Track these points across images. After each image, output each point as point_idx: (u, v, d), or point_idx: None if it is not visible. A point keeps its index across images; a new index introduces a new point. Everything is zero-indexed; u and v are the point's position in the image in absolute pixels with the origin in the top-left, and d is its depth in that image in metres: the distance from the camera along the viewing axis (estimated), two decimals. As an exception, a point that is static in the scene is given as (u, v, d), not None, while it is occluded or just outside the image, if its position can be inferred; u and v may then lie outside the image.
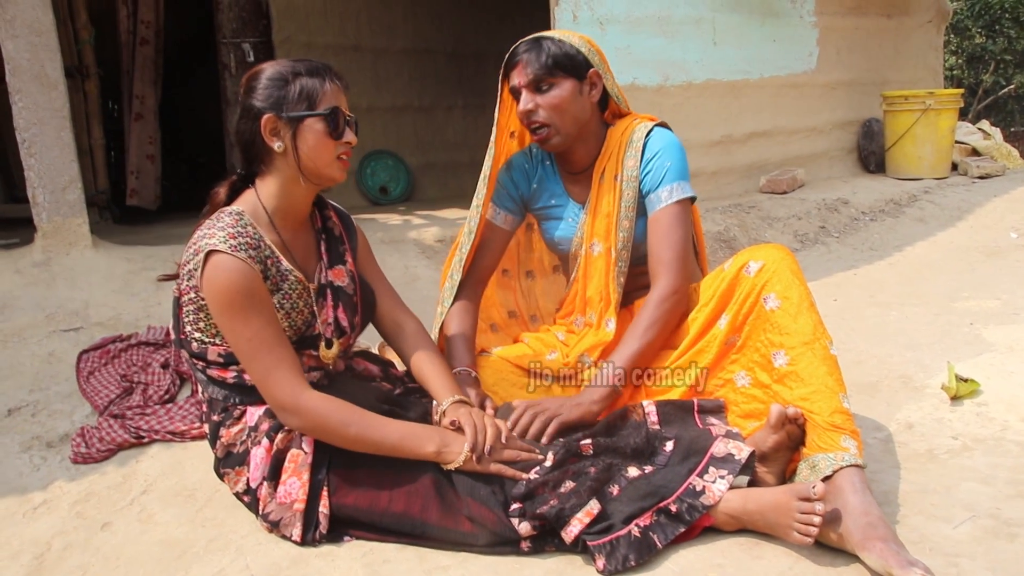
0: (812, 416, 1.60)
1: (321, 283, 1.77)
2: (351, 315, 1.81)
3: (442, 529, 1.56)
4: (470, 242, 2.05)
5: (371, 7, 5.97)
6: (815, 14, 5.27)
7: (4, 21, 2.94)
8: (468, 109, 6.55)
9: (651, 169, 1.93)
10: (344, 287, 1.81)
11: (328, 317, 1.75)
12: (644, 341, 1.82)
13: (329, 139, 1.65)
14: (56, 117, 3.05)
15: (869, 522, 1.42)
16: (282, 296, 1.67)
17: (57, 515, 1.83)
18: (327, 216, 1.87)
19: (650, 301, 1.86)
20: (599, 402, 1.78)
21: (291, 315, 1.68)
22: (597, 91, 1.95)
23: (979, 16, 10.76)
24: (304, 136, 1.64)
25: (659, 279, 1.87)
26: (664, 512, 1.52)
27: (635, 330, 1.84)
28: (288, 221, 1.73)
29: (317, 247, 1.81)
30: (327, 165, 1.67)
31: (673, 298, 1.85)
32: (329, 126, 1.65)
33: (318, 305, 1.74)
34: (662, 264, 1.88)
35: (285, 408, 1.60)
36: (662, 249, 1.89)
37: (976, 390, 2.16)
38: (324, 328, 1.74)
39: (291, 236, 1.73)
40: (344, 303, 1.79)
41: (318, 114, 1.64)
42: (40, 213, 3.06)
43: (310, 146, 1.65)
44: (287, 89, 1.64)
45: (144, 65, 5.27)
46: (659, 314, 1.84)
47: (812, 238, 4.34)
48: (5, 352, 2.57)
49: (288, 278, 1.68)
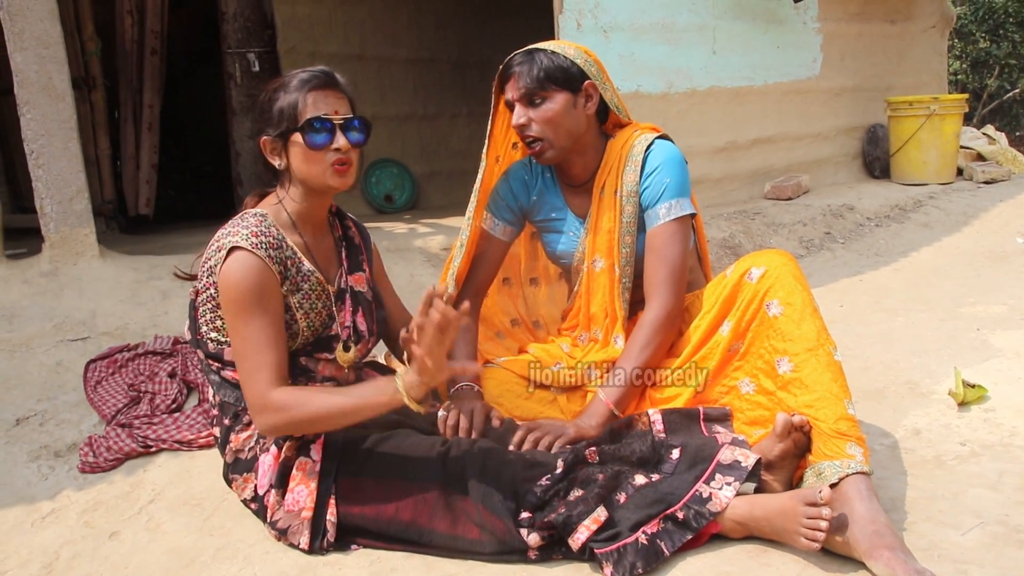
0: (817, 423, 1.60)
1: (341, 287, 1.79)
2: (370, 321, 1.83)
3: (450, 537, 1.57)
4: (462, 255, 2.03)
5: (376, 16, 5.99)
6: (818, 20, 5.27)
7: (13, 34, 2.96)
8: (473, 117, 6.56)
9: (650, 185, 1.91)
10: (364, 293, 1.84)
11: (346, 320, 1.77)
12: (639, 363, 1.83)
13: (311, 151, 1.64)
14: (63, 128, 3.07)
15: (876, 530, 1.42)
16: (302, 296, 1.69)
17: (65, 524, 1.84)
18: (347, 226, 1.91)
19: (644, 323, 1.86)
20: (596, 428, 1.78)
21: (309, 315, 1.70)
22: (593, 103, 1.92)
23: (983, 21, 10.76)
24: (293, 152, 1.67)
25: (652, 300, 1.87)
26: (671, 519, 1.52)
27: (630, 352, 1.85)
28: (308, 226, 1.76)
29: (338, 254, 1.84)
30: (320, 175, 1.67)
31: (666, 320, 1.85)
32: (305, 138, 1.64)
33: (337, 308, 1.76)
34: (655, 284, 1.87)
35: (254, 407, 1.60)
36: (657, 268, 1.88)
37: (983, 396, 2.16)
38: (342, 331, 1.76)
39: (312, 240, 1.76)
40: (364, 308, 1.82)
41: (297, 129, 1.64)
42: (48, 223, 3.07)
43: (300, 160, 1.67)
44: (274, 107, 1.66)
45: (153, 75, 5.30)
46: (651, 335, 1.84)
47: (817, 244, 4.34)
48: (13, 362, 2.58)
49: (309, 279, 1.70)
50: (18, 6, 2.96)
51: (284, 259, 1.66)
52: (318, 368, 1.76)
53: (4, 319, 2.77)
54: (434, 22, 6.33)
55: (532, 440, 1.70)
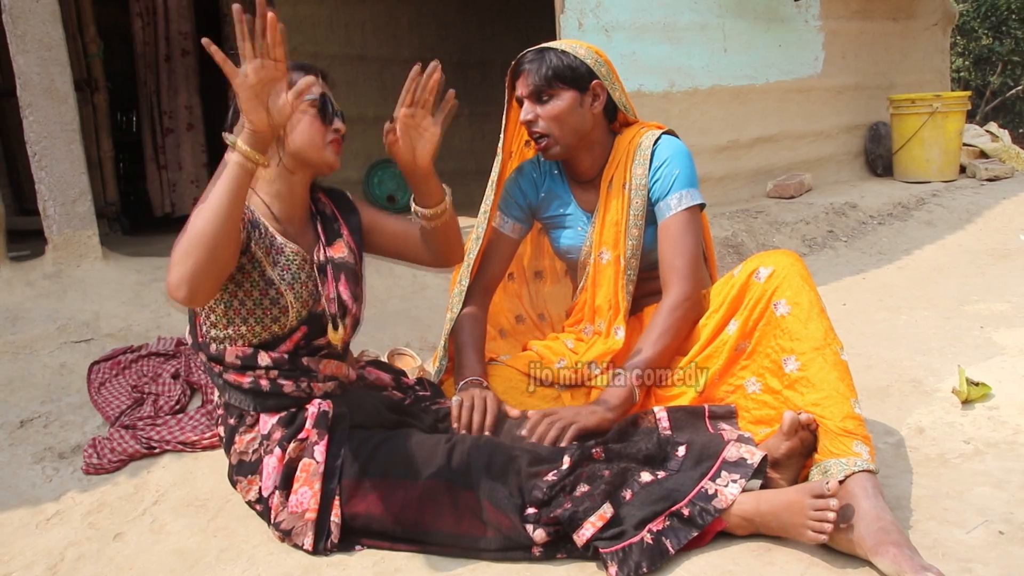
0: (824, 421, 1.60)
1: (321, 261, 1.80)
2: (353, 286, 1.83)
3: (455, 536, 1.57)
4: (477, 247, 2.07)
5: (377, 17, 6.00)
6: (820, 19, 5.27)
7: (15, 36, 2.97)
8: (474, 117, 6.57)
9: (660, 177, 1.93)
10: (344, 258, 1.84)
11: (331, 293, 1.78)
12: (657, 348, 1.83)
13: (319, 122, 1.71)
14: (66, 131, 3.07)
15: (882, 527, 1.42)
16: (281, 269, 1.70)
17: (70, 526, 1.84)
18: (317, 199, 1.91)
19: (663, 308, 1.86)
20: (615, 409, 1.77)
21: (294, 286, 1.71)
22: (600, 102, 1.96)
23: (986, 17, 10.75)
24: (295, 122, 1.69)
25: (671, 286, 1.88)
26: (677, 516, 1.52)
27: (648, 337, 1.85)
28: (286, 210, 1.77)
29: (314, 228, 1.86)
30: (319, 149, 1.72)
31: (686, 304, 1.85)
32: (320, 110, 1.70)
33: (321, 282, 1.77)
34: (674, 271, 1.88)
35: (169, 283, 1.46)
36: (674, 256, 1.89)
37: (987, 394, 2.15)
38: (328, 304, 1.77)
39: (286, 217, 1.77)
40: (346, 275, 1.82)
41: (308, 99, 1.68)
42: (51, 226, 3.08)
43: (301, 131, 1.70)
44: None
45: (188, 76, 5.34)
46: (672, 321, 1.84)
47: (820, 242, 4.33)
48: (17, 364, 2.59)
49: (284, 251, 1.71)
50: (20, 9, 2.96)
51: (256, 224, 1.67)
52: (320, 367, 1.77)
53: (8, 321, 2.77)
54: (435, 23, 6.34)
55: (547, 424, 1.71)
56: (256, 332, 1.71)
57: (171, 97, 5.41)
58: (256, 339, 1.71)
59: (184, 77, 5.37)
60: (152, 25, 5.26)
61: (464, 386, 1.88)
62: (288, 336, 1.73)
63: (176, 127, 5.46)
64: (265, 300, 1.69)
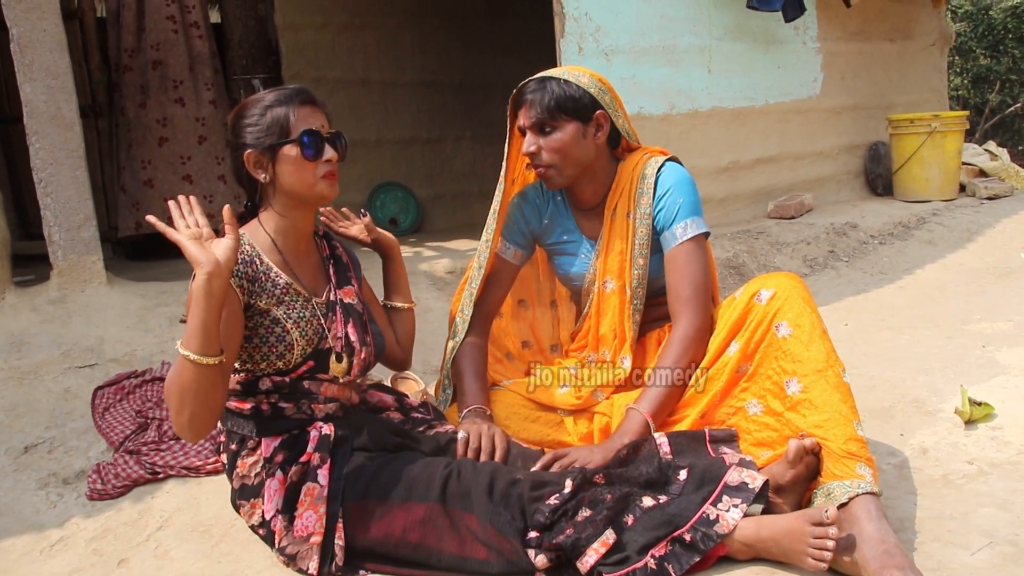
0: (826, 444, 1.60)
1: (330, 299, 1.82)
2: (361, 332, 1.85)
3: (458, 559, 1.56)
4: (480, 276, 2.06)
5: (379, 41, 6.05)
6: (818, 40, 5.31)
7: (23, 65, 3.01)
8: (476, 140, 6.60)
9: (664, 206, 1.93)
10: (353, 305, 1.86)
11: (338, 332, 1.80)
12: (669, 383, 1.82)
13: (305, 161, 1.71)
14: (72, 157, 3.10)
15: (886, 550, 1.42)
16: (286, 308, 1.72)
17: (74, 552, 1.84)
18: (335, 246, 1.95)
19: (673, 340, 1.86)
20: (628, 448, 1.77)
21: (300, 325, 1.73)
22: (604, 132, 1.95)
23: (983, 37, 10.82)
24: (283, 163, 1.71)
25: (681, 317, 1.87)
26: (679, 541, 1.51)
27: (659, 373, 1.83)
28: (291, 243, 1.79)
29: (325, 270, 1.88)
30: (311, 186, 1.73)
31: (696, 336, 1.85)
32: (302, 149, 1.70)
33: (327, 320, 1.78)
34: (681, 302, 1.88)
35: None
36: (681, 286, 1.88)
37: (990, 414, 2.15)
38: (335, 343, 1.78)
39: (296, 259, 1.80)
40: (354, 319, 1.84)
41: (290, 141, 1.70)
42: (56, 251, 3.10)
43: (290, 172, 1.71)
44: (261, 122, 1.71)
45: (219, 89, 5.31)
46: (681, 353, 1.84)
47: (821, 263, 4.34)
48: (22, 389, 2.59)
49: (288, 291, 1.73)
50: (28, 38, 3.00)
51: (258, 273, 1.70)
52: (320, 389, 1.78)
53: (13, 347, 2.78)
54: (437, 47, 6.39)
55: (558, 467, 1.71)
56: (262, 368, 1.72)
57: None
58: (261, 375, 1.73)
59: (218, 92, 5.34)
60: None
61: (467, 415, 1.88)
62: (293, 371, 1.74)
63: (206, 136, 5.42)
64: (271, 337, 1.70)
